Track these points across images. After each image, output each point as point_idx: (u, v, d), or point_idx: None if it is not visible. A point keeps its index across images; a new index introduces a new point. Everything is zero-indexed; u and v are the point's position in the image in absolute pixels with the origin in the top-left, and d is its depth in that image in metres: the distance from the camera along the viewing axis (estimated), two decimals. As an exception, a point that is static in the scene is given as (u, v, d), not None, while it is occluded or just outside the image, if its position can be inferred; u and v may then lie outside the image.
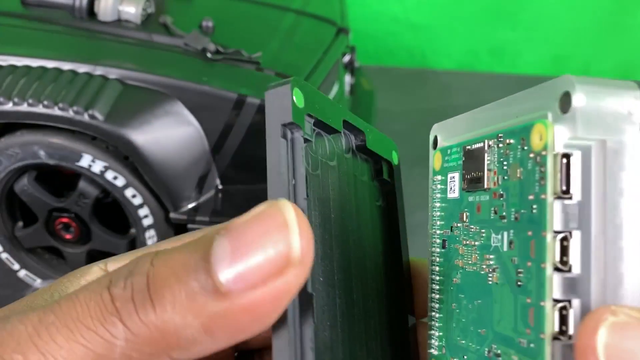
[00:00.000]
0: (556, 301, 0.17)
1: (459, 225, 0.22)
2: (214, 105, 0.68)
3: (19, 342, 0.18)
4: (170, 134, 0.68)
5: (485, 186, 0.20)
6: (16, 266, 0.76)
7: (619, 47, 1.33)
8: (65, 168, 0.69)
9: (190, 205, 0.71)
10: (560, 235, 0.17)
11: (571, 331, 0.17)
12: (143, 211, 0.70)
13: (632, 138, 0.17)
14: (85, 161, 0.68)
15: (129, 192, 0.69)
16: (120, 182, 0.69)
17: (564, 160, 0.17)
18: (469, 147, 0.21)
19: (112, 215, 0.74)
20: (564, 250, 0.17)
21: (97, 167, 0.68)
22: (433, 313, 0.23)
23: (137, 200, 0.70)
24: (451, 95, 1.31)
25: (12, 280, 0.77)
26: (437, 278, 0.23)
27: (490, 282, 0.20)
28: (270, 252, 0.17)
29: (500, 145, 0.20)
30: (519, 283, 0.18)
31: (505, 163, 0.19)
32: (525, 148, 0.18)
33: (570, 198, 0.17)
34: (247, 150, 0.70)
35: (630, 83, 0.17)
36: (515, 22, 1.34)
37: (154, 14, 0.77)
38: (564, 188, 0.17)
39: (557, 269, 0.17)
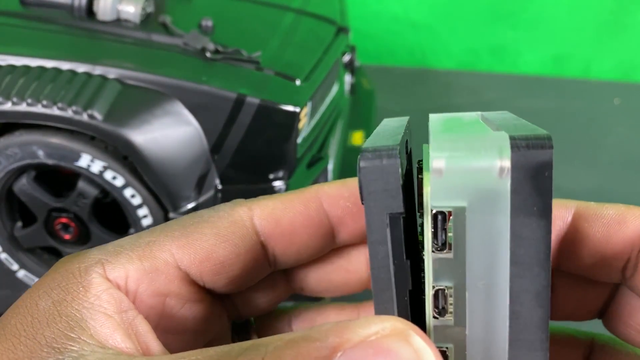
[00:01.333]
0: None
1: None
2: (213, 105, 0.68)
3: None
4: (170, 134, 0.68)
5: (417, 211, 0.21)
6: (15, 266, 0.76)
7: (619, 47, 1.33)
8: (64, 168, 0.69)
9: (190, 206, 0.71)
10: (436, 286, 0.18)
11: None
12: (142, 211, 0.70)
13: (502, 196, 0.17)
14: (84, 161, 0.67)
15: (128, 192, 0.69)
16: (119, 182, 0.68)
17: (439, 217, 0.17)
18: (420, 160, 0.21)
19: (111, 215, 0.74)
20: (444, 300, 0.18)
21: (96, 167, 0.68)
22: None
23: (136, 200, 0.70)
24: (452, 95, 1.30)
25: (11, 280, 0.76)
26: None
27: None
28: None
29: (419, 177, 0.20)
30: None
31: (423, 198, 0.20)
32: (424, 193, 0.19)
33: (447, 253, 0.18)
34: (247, 150, 0.70)
35: (499, 137, 0.17)
36: (516, 22, 1.34)
37: (153, 14, 0.77)
38: (439, 243, 0.18)
39: (435, 317, 0.18)
